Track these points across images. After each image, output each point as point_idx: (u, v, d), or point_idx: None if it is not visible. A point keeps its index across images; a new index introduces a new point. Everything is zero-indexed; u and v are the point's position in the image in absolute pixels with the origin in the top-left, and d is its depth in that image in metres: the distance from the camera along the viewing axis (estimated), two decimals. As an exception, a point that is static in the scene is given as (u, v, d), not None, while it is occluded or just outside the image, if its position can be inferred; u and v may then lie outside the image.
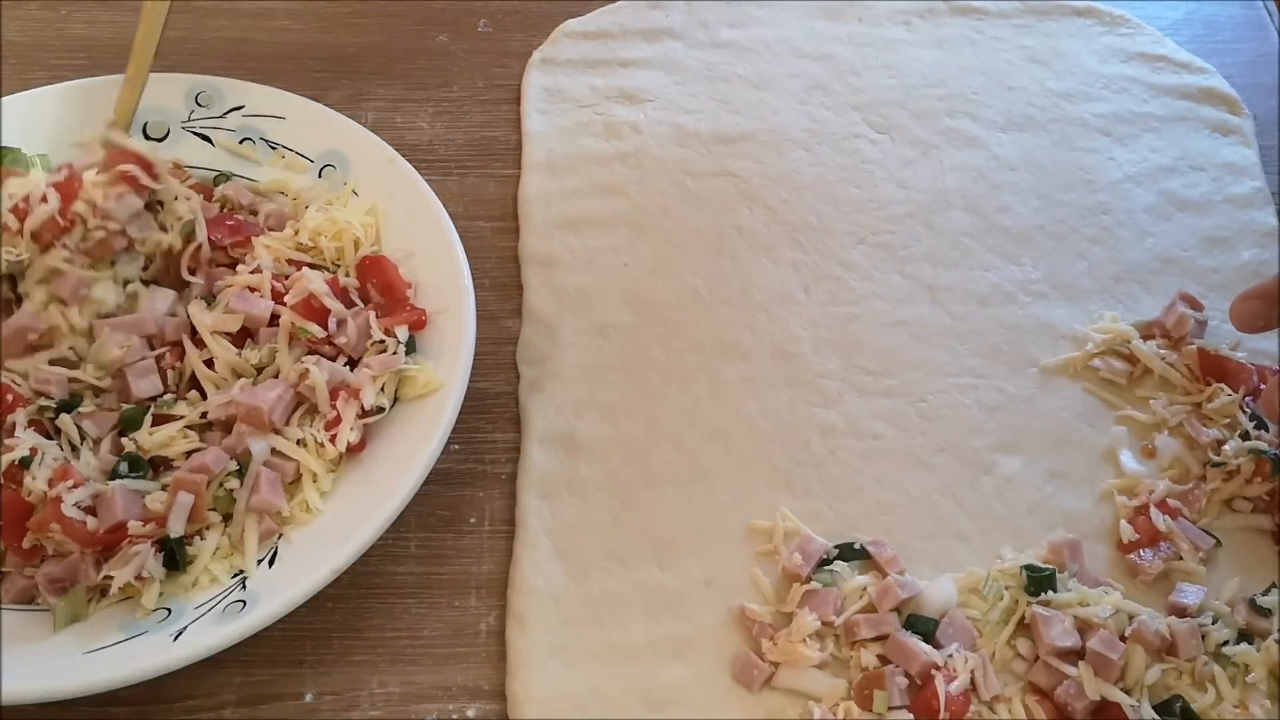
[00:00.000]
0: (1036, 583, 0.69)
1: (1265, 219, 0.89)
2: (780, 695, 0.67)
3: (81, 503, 0.64)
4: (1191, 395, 0.78)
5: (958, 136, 0.93)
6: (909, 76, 0.96)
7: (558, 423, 0.77)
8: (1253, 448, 0.74)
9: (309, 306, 0.72)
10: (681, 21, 0.99)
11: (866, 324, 0.82)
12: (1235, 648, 0.68)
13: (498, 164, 0.91)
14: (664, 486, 0.74)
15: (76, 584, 0.65)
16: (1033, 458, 0.76)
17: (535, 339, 0.81)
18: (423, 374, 0.71)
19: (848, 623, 0.68)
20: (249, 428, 0.68)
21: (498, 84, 0.96)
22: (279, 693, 0.67)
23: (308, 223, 0.77)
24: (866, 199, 0.89)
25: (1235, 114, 0.95)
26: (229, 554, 0.67)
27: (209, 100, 0.83)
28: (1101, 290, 0.85)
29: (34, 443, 0.66)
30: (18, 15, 0.97)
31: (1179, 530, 0.71)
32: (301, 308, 0.72)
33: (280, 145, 0.82)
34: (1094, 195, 0.90)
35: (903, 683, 0.66)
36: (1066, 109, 0.95)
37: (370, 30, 0.98)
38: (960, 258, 0.86)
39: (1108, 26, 1.01)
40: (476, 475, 0.76)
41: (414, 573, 0.72)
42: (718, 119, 0.93)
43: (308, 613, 0.66)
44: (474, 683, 0.68)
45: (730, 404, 0.78)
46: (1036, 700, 0.66)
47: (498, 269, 0.85)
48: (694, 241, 0.86)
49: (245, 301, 0.72)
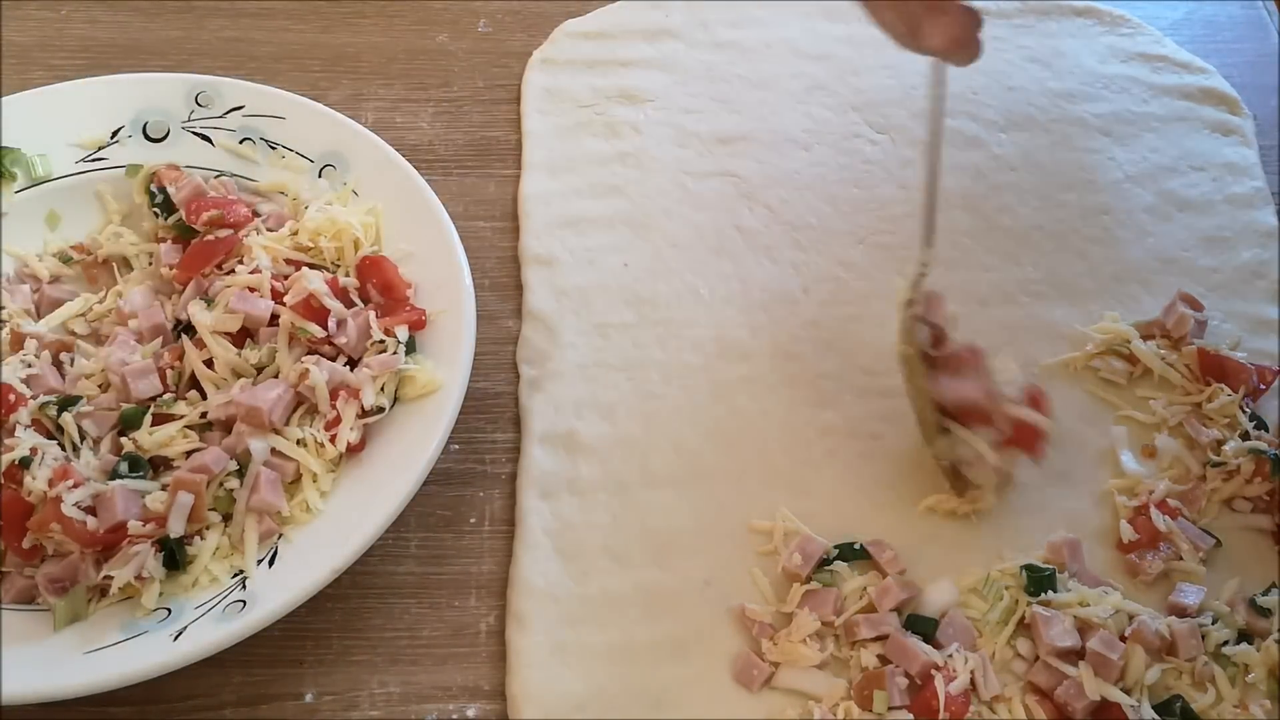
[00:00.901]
0: (1036, 583, 0.69)
1: (1265, 219, 0.89)
2: (780, 695, 0.66)
3: (81, 503, 0.64)
4: (1191, 395, 0.78)
5: (958, 136, 0.93)
6: (909, 76, 0.96)
7: (558, 422, 0.77)
8: (1253, 448, 0.74)
9: (309, 306, 0.72)
10: (681, 21, 0.99)
11: (866, 324, 0.82)
12: (1235, 648, 0.68)
13: (498, 164, 0.91)
14: (664, 486, 0.74)
15: (76, 584, 0.65)
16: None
17: (535, 339, 0.81)
18: (423, 374, 0.71)
19: (848, 623, 0.68)
20: (249, 428, 0.68)
21: (498, 84, 0.96)
22: (279, 693, 0.67)
23: (307, 223, 0.77)
24: (866, 199, 0.89)
25: (1235, 114, 0.95)
26: (229, 554, 0.67)
27: (209, 100, 0.83)
28: (1101, 290, 0.85)
29: (34, 442, 0.67)
30: (18, 15, 0.97)
31: (1179, 530, 0.71)
32: (301, 308, 0.72)
33: (280, 145, 0.82)
34: (1094, 195, 0.90)
35: (903, 683, 0.66)
36: (1066, 109, 0.95)
37: (370, 30, 0.99)
38: (960, 258, 0.86)
39: (1108, 26, 1.01)
40: (476, 475, 0.76)
41: (414, 573, 0.72)
42: (718, 119, 0.93)
43: (308, 613, 0.66)
44: (474, 683, 0.68)
45: (730, 404, 0.78)
46: (1036, 700, 0.66)
47: (498, 269, 0.85)
48: (694, 241, 0.86)
49: (245, 301, 0.72)
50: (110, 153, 0.82)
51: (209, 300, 0.74)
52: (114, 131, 0.82)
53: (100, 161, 0.82)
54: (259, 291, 0.73)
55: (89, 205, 0.81)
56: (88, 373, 0.72)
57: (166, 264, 0.76)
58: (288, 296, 0.72)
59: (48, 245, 0.80)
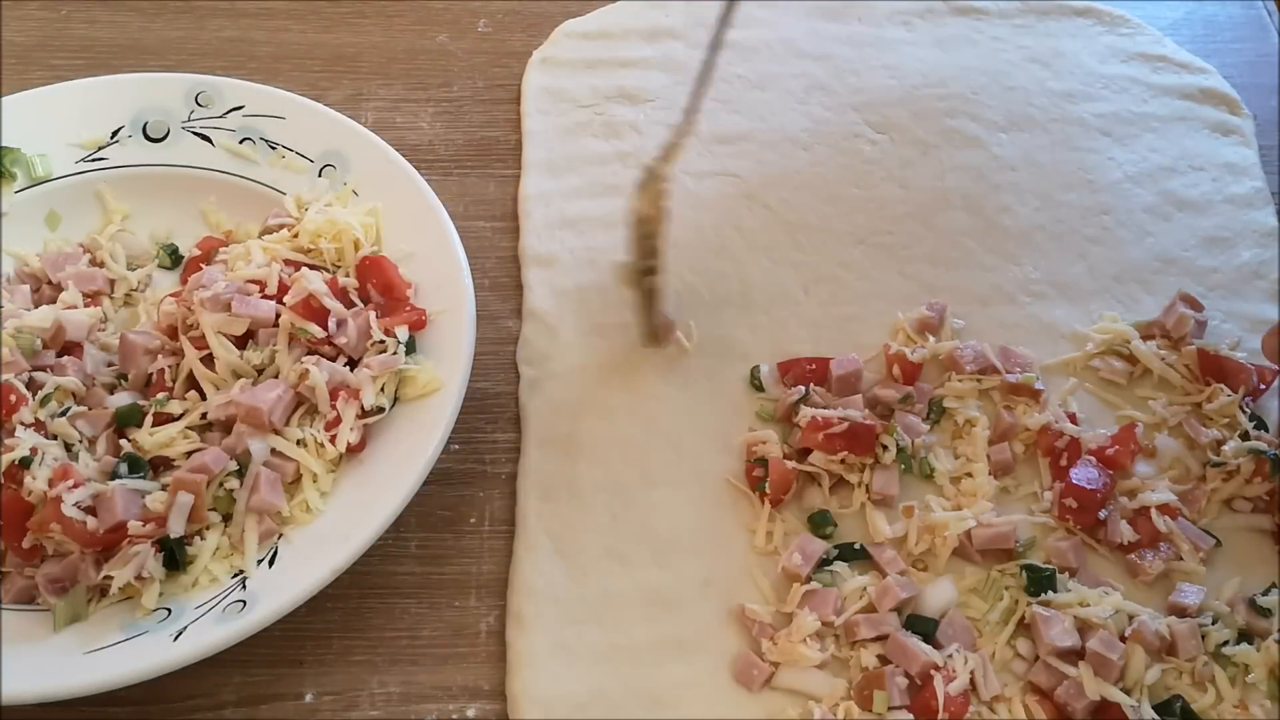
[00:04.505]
0: (1036, 583, 0.69)
1: (1265, 219, 0.89)
2: (780, 695, 0.67)
3: (81, 503, 0.64)
4: (1191, 395, 0.78)
5: (958, 136, 0.93)
6: (909, 76, 0.96)
7: (557, 423, 0.77)
8: (1252, 448, 0.74)
9: (309, 307, 0.72)
10: (681, 21, 0.99)
11: (866, 324, 0.82)
12: (1235, 648, 0.68)
13: (498, 164, 0.91)
14: (664, 486, 0.74)
15: (76, 584, 0.65)
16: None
17: (535, 339, 0.81)
18: (423, 374, 0.71)
19: (848, 623, 0.68)
20: (249, 428, 0.68)
21: (498, 84, 0.96)
22: (279, 693, 0.67)
23: (307, 224, 0.77)
24: (866, 199, 0.89)
25: (1235, 114, 0.95)
26: (229, 554, 0.67)
27: (209, 100, 0.83)
28: (1101, 290, 0.85)
29: (34, 443, 0.67)
30: (18, 15, 0.97)
31: (1179, 530, 0.71)
32: (301, 308, 0.72)
33: (280, 145, 0.82)
34: (1094, 195, 0.90)
35: (903, 683, 0.66)
36: (1066, 109, 0.95)
37: (370, 30, 0.99)
38: (960, 258, 0.86)
39: (1108, 26, 1.01)
40: (476, 475, 0.76)
41: (414, 573, 0.72)
42: (718, 119, 0.93)
43: (308, 613, 0.66)
44: (474, 683, 0.68)
45: (730, 404, 0.78)
46: (1036, 700, 0.66)
47: (498, 269, 0.85)
48: (694, 241, 0.86)
49: (248, 305, 0.72)
50: (110, 153, 0.82)
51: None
52: (114, 131, 0.82)
53: (100, 161, 0.82)
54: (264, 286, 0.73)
55: (89, 205, 0.82)
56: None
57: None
58: (288, 297, 0.72)
59: (47, 245, 0.80)
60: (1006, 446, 0.75)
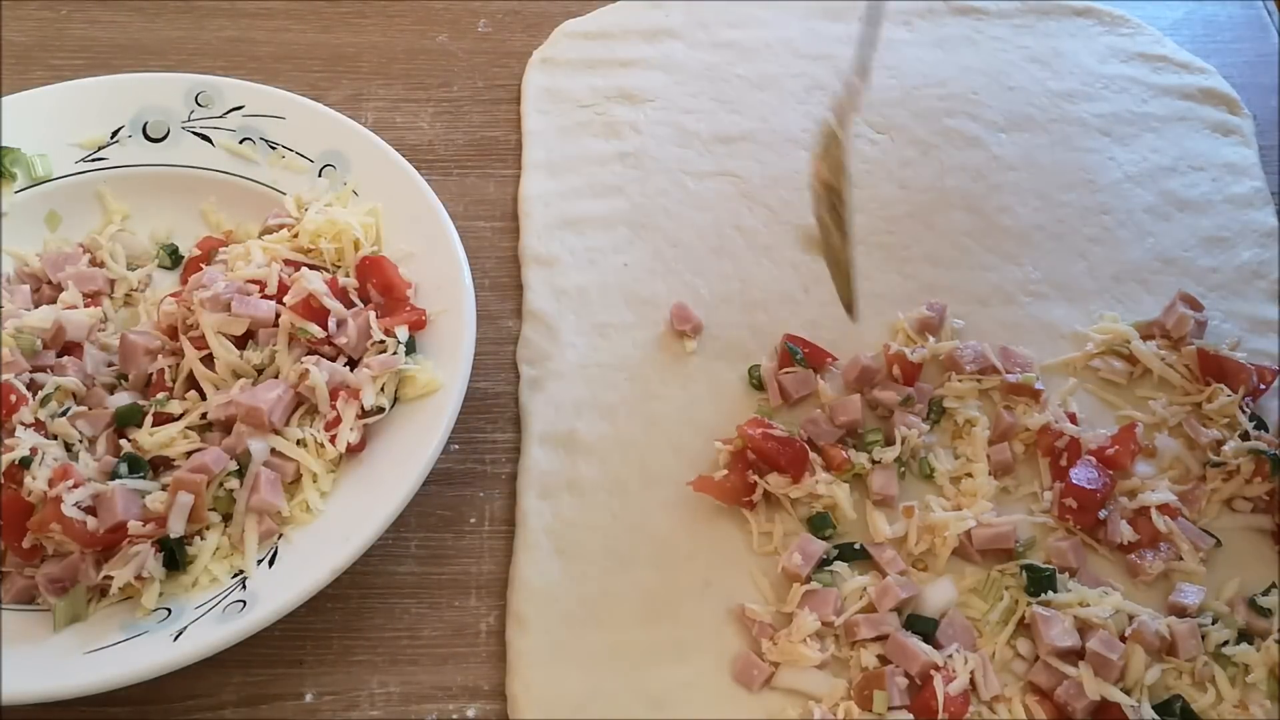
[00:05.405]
0: (1036, 583, 0.69)
1: (1265, 219, 0.89)
2: (780, 695, 0.67)
3: (81, 503, 0.64)
4: (1191, 395, 0.78)
5: (958, 136, 0.93)
6: (909, 76, 0.96)
7: (558, 422, 0.77)
8: (1252, 448, 0.74)
9: (309, 307, 0.72)
10: (681, 21, 0.99)
11: (867, 324, 0.82)
12: (1235, 648, 0.68)
13: (498, 164, 0.91)
14: (664, 486, 0.74)
15: (76, 584, 0.65)
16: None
17: (535, 339, 0.81)
18: (423, 374, 0.71)
19: (848, 623, 0.68)
20: (249, 428, 0.68)
21: (498, 84, 0.96)
22: (279, 693, 0.67)
23: (307, 224, 0.77)
24: (866, 199, 0.89)
25: (1235, 114, 0.95)
26: (229, 554, 0.67)
27: (209, 100, 0.83)
28: (1101, 290, 0.85)
29: (34, 443, 0.67)
30: (18, 15, 0.97)
31: (1179, 530, 0.71)
32: (301, 308, 0.72)
33: (280, 145, 0.82)
34: (1094, 195, 0.90)
35: (903, 683, 0.66)
36: (1066, 109, 0.95)
37: (370, 30, 0.99)
38: (960, 258, 0.86)
39: (1108, 26, 1.01)
40: (476, 475, 0.76)
41: (414, 573, 0.72)
42: (718, 119, 0.93)
43: (308, 613, 0.66)
44: (474, 683, 0.68)
45: (730, 404, 0.78)
46: (1036, 700, 0.66)
47: (498, 269, 0.85)
48: (694, 241, 0.86)
49: (248, 305, 0.72)
50: (110, 153, 0.82)
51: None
52: (114, 131, 0.82)
53: (100, 161, 0.82)
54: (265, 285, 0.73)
55: (89, 205, 0.82)
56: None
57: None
58: (288, 297, 0.72)
59: (47, 245, 0.80)
60: (1006, 446, 0.75)
